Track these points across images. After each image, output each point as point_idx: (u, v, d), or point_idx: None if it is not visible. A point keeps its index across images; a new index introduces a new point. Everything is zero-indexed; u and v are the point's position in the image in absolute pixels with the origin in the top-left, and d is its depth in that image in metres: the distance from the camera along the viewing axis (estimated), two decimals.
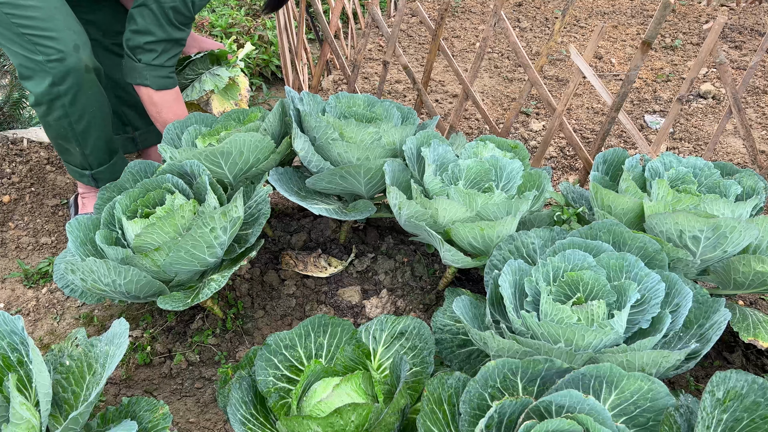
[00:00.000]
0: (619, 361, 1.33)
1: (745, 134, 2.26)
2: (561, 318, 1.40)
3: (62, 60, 1.94)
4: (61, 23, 1.94)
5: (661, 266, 1.55)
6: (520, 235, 1.65)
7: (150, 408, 1.41)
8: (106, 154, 2.23)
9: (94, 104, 2.09)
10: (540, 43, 4.39)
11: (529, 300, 1.49)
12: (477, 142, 2.00)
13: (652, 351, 1.32)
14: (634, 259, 1.50)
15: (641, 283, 1.47)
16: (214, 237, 1.71)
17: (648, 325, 1.44)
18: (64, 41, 1.93)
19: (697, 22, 4.84)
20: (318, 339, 1.54)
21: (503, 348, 1.39)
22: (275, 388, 1.47)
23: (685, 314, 1.44)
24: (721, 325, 1.43)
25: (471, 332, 1.46)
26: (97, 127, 2.13)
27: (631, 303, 1.42)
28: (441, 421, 1.30)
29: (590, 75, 2.32)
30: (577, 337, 1.35)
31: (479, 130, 3.32)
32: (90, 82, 2.03)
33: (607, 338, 1.36)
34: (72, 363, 1.42)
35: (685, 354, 1.35)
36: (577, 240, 1.57)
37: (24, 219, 2.40)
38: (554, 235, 1.65)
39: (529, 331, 1.43)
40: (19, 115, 3.01)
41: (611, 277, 1.50)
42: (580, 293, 1.48)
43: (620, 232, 1.60)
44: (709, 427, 1.20)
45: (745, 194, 1.84)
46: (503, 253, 1.64)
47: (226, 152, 1.93)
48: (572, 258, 1.51)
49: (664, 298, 1.48)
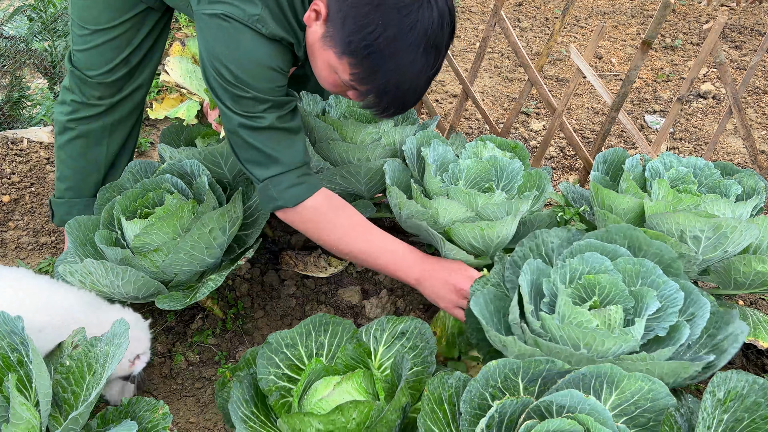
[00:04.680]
0: (638, 368, 1.30)
1: (746, 134, 2.26)
2: (580, 321, 1.38)
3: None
4: None
5: (677, 274, 1.51)
6: (542, 233, 1.61)
7: (150, 408, 1.41)
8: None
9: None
10: (540, 43, 4.39)
11: (546, 301, 1.47)
12: (477, 142, 2.00)
13: (673, 362, 1.29)
14: (651, 265, 1.47)
15: (659, 290, 1.44)
16: (213, 237, 1.71)
17: (664, 334, 1.41)
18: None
19: (697, 22, 4.84)
20: (319, 338, 1.54)
21: (524, 353, 1.36)
22: (276, 386, 1.47)
23: (702, 325, 1.41)
24: (737, 338, 1.39)
25: (490, 335, 1.42)
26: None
27: (650, 311, 1.39)
28: (441, 420, 1.30)
29: (590, 75, 2.32)
30: (597, 342, 1.33)
31: (479, 130, 3.32)
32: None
33: (626, 345, 1.34)
34: (72, 363, 1.42)
35: (702, 365, 1.33)
36: (595, 243, 1.53)
37: (24, 219, 2.40)
38: (571, 235, 1.62)
39: (547, 333, 1.40)
40: (19, 115, 3.01)
41: (627, 282, 1.47)
42: (596, 297, 1.46)
43: (636, 236, 1.56)
44: (709, 427, 1.19)
45: (745, 194, 1.84)
46: (524, 250, 1.61)
47: (226, 152, 1.93)
48: (590, 261, 1.48)
49: (680, 307, 1.45)
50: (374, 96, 1.55)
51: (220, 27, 1.49)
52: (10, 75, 2.92)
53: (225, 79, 1.52)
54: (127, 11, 1.81)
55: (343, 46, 1.48)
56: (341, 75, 1.54)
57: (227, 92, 1.54)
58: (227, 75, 1.51)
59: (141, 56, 1.90)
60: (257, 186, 1.66)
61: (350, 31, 1.45)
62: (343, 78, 1.54)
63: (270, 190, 1.62)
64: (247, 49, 1.50)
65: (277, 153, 1.59)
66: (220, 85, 1.54)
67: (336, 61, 1.52)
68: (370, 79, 1.51)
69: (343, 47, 1.48)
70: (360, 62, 1.48)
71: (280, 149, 1.59)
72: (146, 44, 1.90)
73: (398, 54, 1.47)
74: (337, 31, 1.48)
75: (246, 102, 1.54)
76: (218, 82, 1.54)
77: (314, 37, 1.55)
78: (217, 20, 1.49)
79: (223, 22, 1.49)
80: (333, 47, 1.50)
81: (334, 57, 1.51)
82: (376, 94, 1.54)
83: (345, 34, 1.47)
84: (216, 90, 1.56)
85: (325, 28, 1.51)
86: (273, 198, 1.63)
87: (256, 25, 1.49)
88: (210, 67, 1.54)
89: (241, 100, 1.53)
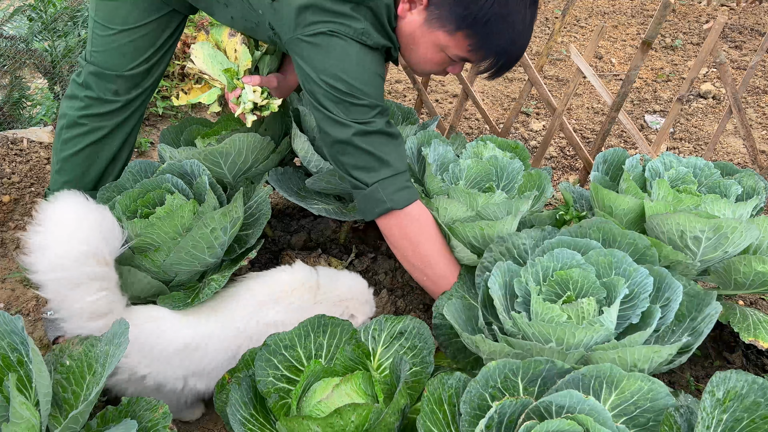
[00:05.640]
0: (610, 357, 1.33)
1: (746, 134, 2.26)
2: (551, 317, 1.40)
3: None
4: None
5: (652, 261, 1.55)
6: (512, 237, 1.65)
7: (150, 407, 1.40)
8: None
9: None
10: (540, 43, 4.39)
11: (519, 301, 1.49)
12: (477, 142, 2.00)
13: (642, 346, 1.32)
14: (621, 254, 1.50)
15: (630, 279, 1.47)
16: (215, 237, 1.70)
17: (638, 320, 1.44)
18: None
19: (697, 22, 4.84)
20: (317, 339, 1.54)
21: (495, 351, 1.40)
22: (275, 388, 1.47)
23: (675, 308, 1.44)
24: (712, 318, 1.43)
25: (462, 336, 1.46)
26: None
27: (620, 298, 1.42)
28: (441, 421, 1.30)
29: (590, 75, 2.32)
30: (567, 335, 1.35)
31: (479, 130, 3.32)
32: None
33: (597, 335, 1.36)
34: (72, 363, 1.42)
35: (677, 348, 1.35)
36: (566, 239, 1.57)
37: (24, 219, 2.40)
38: (545, 234, 1.65)
39: (520, 331, 1.43)
40: (19, 115, 3.01)
41: (600, 274, 1.50)
42: (570, 291, 1.48)
43: (609, 229, 1.60)
44: (709, 427, 1.19)
45: (745, 194, 1.84)
46: (494, 255, 1.64)
47: (226, 152, 1.93)
48: (561, 257, 1.51)
49: (655, 293, 1.48)
50: (492, 58, 1.66)
51: (329, 43, 1.57)
52: (10, 75, 2.92)
53: (338, 90, 1.58)
54: (155, 12, 1.86)
55: (458, 21, 1.59)
56: (453, 50, 1.65)
57: (340, 103, 1.59)
58: (340, 85, 1.57)
59: (160, 55, 1.94)
60: (363, 192, 1.65)
61: (465, 5, 1.57)
62: (455, 53, 1.65)
63: (379, 192, 1.64)
64: (358, 58, 1.59)
65: (387, 156, 1.64)
66: (332, 98, 1.59)
67: (447, 39, 1.62)
68: (488, 44, 1.62)
69: (458, 22, 1.59)
70: (478, 31, 1.59)
71: (389, 152, 1.64)
72: (167, 44, 1.94)
73: (512, 14, 1.59)
74: (446, 11, 1.59)
75: (358, 109, 1.60)
76: (330, 95, 1.59)
77: (413, 26, 1.65)
78: (324, 37, 1.57)
79: (331, 38, 1.57)
80: (443, 27, 1.61)
81: (445, 35, 1.62)
82: (494, 57, 1.66)
83: (459, 10, 1.57)
84: (326, 105, 1.60)
85: (427, 13, 1.62)
86: (381, 201, 1.64)
87: (362, 37, 1.58)
88: (320, 83, 1.58)
89: (354, 107, 1.59)
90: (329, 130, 1.63)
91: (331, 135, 1.63)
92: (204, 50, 1.93)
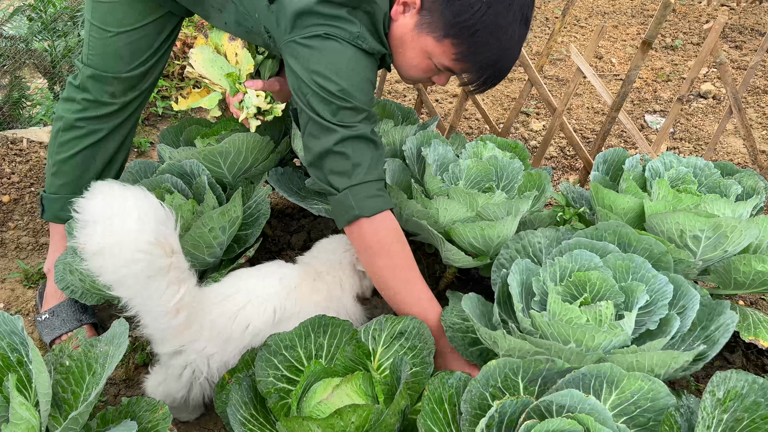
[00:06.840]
0: (628, 362, 1.32)
1: (746, 134, 2.26)
2: (570, 318, 1.39)
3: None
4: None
5: (667, 268, 1.54)
6: (527, 234, 1.64)
7: (150, 408, 1.40)
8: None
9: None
10: (540, 43, 4.39)
11: (536, 299, 1.48)
12: (477, 142, 2.00)
13: (661, 352, 1.31)
14: (641, 260, 1.49)
15: (648, 285, 1.46)
16: (213, 237, 1.70)
17: (655, 327, 1.43)
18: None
19: (697, 22, 4.84)
20: (318, 339, 1.54)
21: (514, 348, 1.38)
22: (275, 388, 1.47)
23: (692, 316, 1.43)
24: (728, 328, 1.42)
25: (480, 331, 1.44)
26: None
27: (640, 305, 1.41)
28: (442, 420, 1.30)
29: (590, 75, 2.32)
30: (587, 337, 1.34)
31: (479, 130, 3.32)
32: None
33: (617, 339, 1.35)
34: (72, 363, 1.42)
35: (693, 355, 1.34)
36: (584, 240, 1.56)
37: (24, 219, 2.40)
38: (560, 235, 1.64)
39: (537, 330, 1.42)
40: (18, 115, 3.01)
41: (618, 278, 1.49)
42: (587, 294, 1.47)
43: (626, 233, 1.59)
44: (709, 427, 1.19)
45: (745, 194, 1.84)
46: (510, 252, 1.64)
47: (225, 152, 1.93)
48: (579, 258, 1.51)
49: (671, 300, 1.47)
50: (476, 71, 1.64)
51: (323, 45, 1.55)
52: (10, 75, 2.91)
53: (328, 91, 1.55)
54: (151, 14, 1.85)
55: (446, 29, 1.56)
56: (439, 58, 1.62)
57: (329, 105, 1.56)
58: (330, 87, 1.54)
59: (157, 58, 1.93)
60: (335, 197, 1.61)
61: (456, 13, 1.54)
62: (440, 61, 1.62)
63: (349, 199, 1.59)
64: (351, 62, 1.57)
65: (363, 162, 1.60)
66: (321, 99, 1.56)
67: (434, 46, 1.60)
68: (473, 56, 1.60)
69: (446, 29, 1.56)
70: (465, 41, 1.57)
71: (366, 159, 1.60)
72: (164, 47, 1.94)
73: (502, 28, 1.57)
74: (437, 17, 1.56)
75: (345, 112, 1.57)
76: (319, 96, 1.55)
77: (404, 29, 1.63)
78: (319, 40, 1.55)
79: (326, 41, 1.55)
80: (432, 32, 1.59)
81: (433, 41, 1.59)
82: (477, 69, 1.63)
83: (449, 17, 1.55)
84: (315, 106, 1.57)
85: (418, 17, 1.60)
86: (350, 207, 1.59)
87: (357, 41, 1.57)
88: (311, 83, 1.56)
89: (341, 110, 1.56)
90: (314, 141, 1.59)
91: (316, 137, 1.59)
92: (203, 54, 1.92)
